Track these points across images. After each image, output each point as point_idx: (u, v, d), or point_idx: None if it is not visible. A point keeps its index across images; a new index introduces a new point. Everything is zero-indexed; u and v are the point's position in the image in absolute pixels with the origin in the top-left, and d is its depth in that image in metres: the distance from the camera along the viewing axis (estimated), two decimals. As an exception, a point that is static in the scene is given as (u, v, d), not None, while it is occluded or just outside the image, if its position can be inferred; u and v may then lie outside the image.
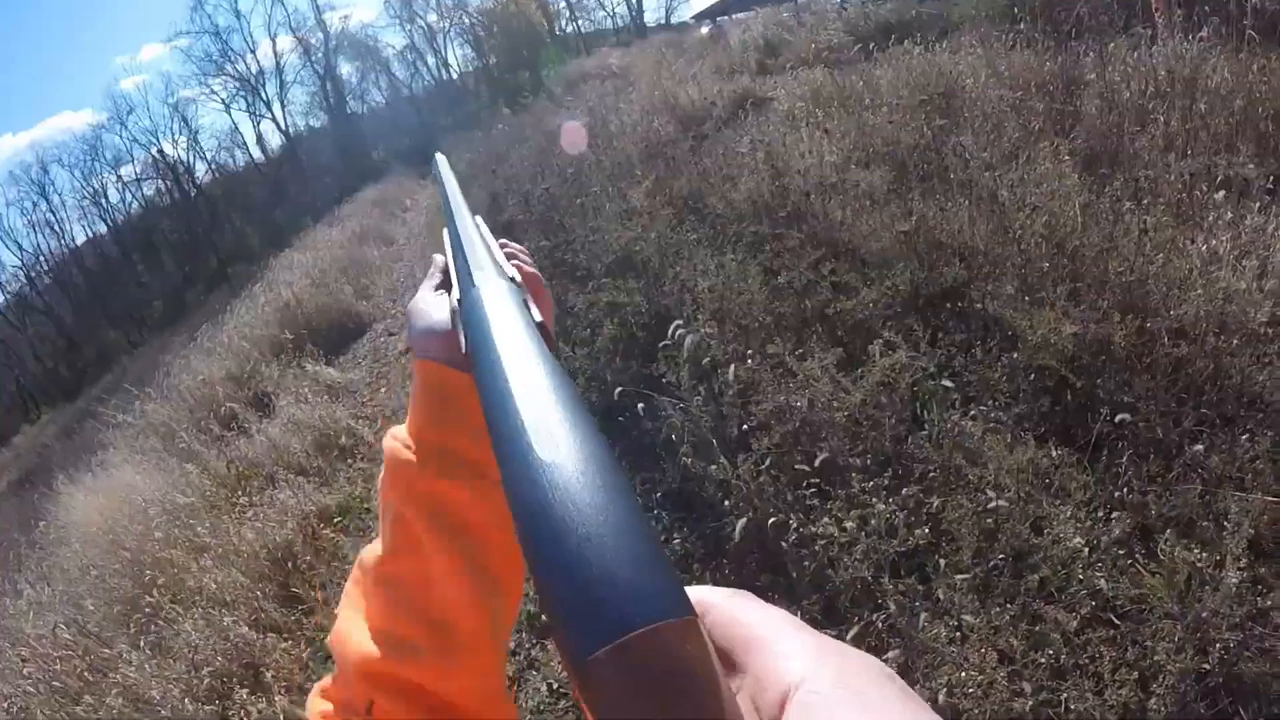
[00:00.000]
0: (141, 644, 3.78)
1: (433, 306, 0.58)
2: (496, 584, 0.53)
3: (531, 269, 0.61)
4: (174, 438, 6.90)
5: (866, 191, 4.75)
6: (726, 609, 0.27)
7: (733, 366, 3.44)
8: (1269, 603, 2.21)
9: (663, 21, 33.19)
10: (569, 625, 0.24)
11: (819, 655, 0.24)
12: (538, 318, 0.44)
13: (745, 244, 4.74)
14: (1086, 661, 2.22)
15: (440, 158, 0.82)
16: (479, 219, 0.64)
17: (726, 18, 22.73)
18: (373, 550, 0.56)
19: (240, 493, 5.17)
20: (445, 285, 0.60)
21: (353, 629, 0.52)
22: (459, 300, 0.50)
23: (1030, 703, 2.15)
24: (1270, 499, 2.44)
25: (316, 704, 0.52)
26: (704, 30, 19.75)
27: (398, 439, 0.56)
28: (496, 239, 0.60)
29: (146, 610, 4.04)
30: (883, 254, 4.11)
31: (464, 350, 0.44)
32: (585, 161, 7.24)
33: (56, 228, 35.57)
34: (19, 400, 28.30)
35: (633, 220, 5.49)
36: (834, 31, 11.22)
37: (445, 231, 0.63)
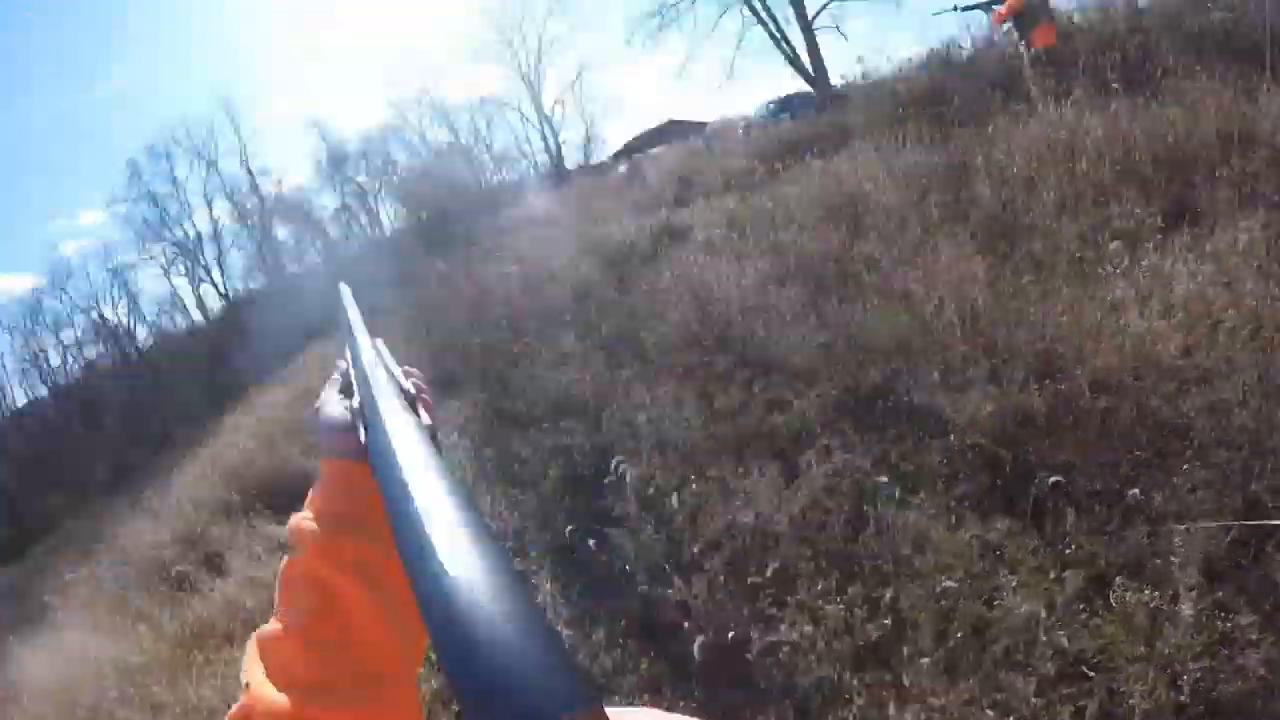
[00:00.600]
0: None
1: (335, 407, 0.64)
2: (409, 629, 0.56)
3: (423, 386, 0.66)
4: (124, 601, 6.80)
5: (787, 308, 4.94)
6: None
7: (674, 494, 3.52)
8: (1229, 625, 2.24)
9: (583, 162, 34.39)
10: None
11: None
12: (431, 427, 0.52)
13: (678, 374, 4.88)
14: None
15: (344, 287, 0.87)
16: (379, 341, 0.69)
17: (642, 154, 23.53)
18: (269, 629, 0.58)
19: (197, 652, 5.03)
20: (346, 389, 0.66)
21: (270, 694, 0.53)
22: (365, 428, 0.55)
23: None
24: (1212, 524, 2.50)
25: None
26: (621, 169, 20.44)
27: (302, 518, 0.60)
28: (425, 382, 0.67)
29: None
30: (809, 365, 4.27)
31: (372, 475, 0.49)
32: (518, 311, 7.41)
33: (-4, 389, 35.07)
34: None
35: (567, 364, 5.65)
36: (741, 157, 11.72)
37: (347, 349, 0.69)
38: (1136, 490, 2.71)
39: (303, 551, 0.59)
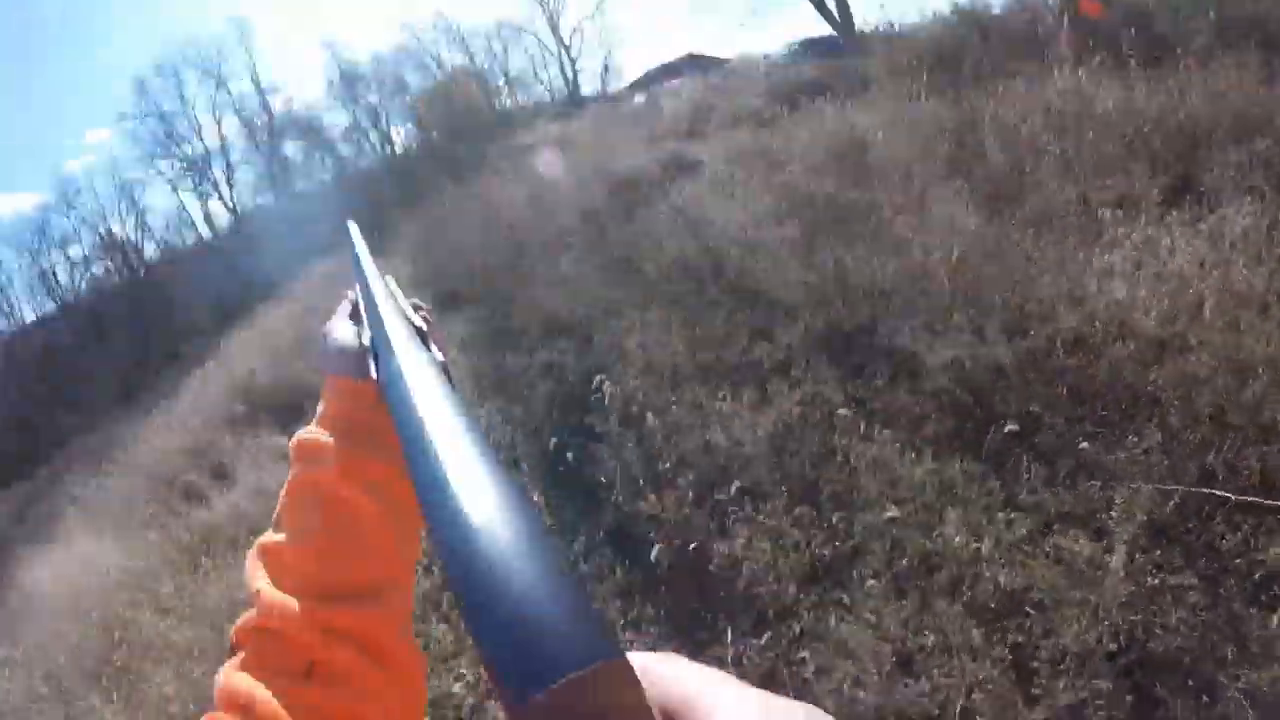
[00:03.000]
0: (114, 698, 3.89)
1: (345, 330, 0.65)
2: (409, 534, 0.60)
3: (431, 321, 0.66)
4: (133, 510, 7.01)
5: (782, 245, 5.04)
6: (662, 669, 0.27)
7: (648, 414, 3.70)
8: (1160, 581, 2.36)
9: (599, 91, 33.90)
10: (504, 673, 0.25)
11: (762, 712, 0.24)
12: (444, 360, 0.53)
13: (669, 301, 5.02)
14: (1000, 651, 2.39)
15: (352, 223, 0.88)
16: (388, 277, 0.70)
17: (660, 85, 23.26)
18: (273, 540, 0.59)
19: (204, 555, 5.25)
20: (355, 317, 0.67)
21: (283, 599, 0.55)
22: (376, 364, 0.54)
23: (922, 686, 2.35)
24: (1161, 486, 2.61)
25: (240, 680, 0.52)
26: (638, 99, 20.25)
27: (314, 434, 0.61)
28: (428, 304, 0.69)
29: (117, 665, 4.16)
30: (795, 301, 4.40)
31: (383, 400, 0.48)
32: (523, 233, 7.52)
33: (4, 307, 35.21)
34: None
35: (566, 285, 5.79)
36: (758, 96, 11.66)
37: (356, 285, 0.69)
38: (1085, 445, 2.83)
39: (314, 467, 0.60)
